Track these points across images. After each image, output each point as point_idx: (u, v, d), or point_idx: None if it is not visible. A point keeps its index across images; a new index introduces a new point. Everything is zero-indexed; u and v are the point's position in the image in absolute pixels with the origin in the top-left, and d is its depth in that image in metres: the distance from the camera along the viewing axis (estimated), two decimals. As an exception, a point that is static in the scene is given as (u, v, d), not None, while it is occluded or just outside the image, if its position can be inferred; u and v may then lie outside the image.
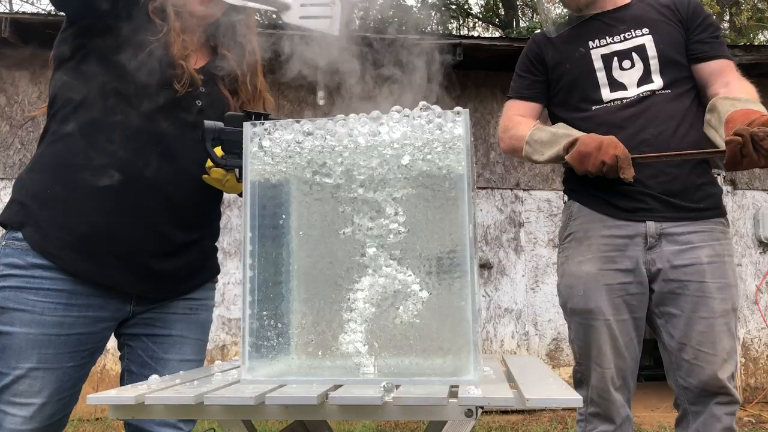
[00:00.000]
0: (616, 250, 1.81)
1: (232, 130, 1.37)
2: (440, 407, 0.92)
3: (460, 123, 1.12)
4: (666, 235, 1.79)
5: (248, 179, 1.17)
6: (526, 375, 1.16)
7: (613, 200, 1.82)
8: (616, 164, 1.65)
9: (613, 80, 1.85)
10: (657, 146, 1.76)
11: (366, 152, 1.14)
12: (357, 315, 1.11)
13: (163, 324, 1.51)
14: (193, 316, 1.55)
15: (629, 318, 1.81)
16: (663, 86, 1.82)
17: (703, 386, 1.75)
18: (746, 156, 1.47)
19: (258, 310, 1.13)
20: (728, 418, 1.74)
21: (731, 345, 1.75)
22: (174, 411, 1.01)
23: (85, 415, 4.92)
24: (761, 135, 1.43)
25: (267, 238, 1.16)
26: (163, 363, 1.50)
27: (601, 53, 1.87)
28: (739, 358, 5.58)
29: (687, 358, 1.76)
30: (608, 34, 1.88)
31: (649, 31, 1.85)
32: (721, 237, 1.81)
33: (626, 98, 1.83)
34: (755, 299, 5.64)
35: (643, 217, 1.79)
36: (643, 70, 1.83)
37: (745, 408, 5.38)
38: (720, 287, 1.76)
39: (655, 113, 1.80)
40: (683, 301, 1.77)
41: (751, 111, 1.57)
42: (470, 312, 1.06)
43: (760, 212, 5.69)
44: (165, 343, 1.51)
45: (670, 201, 1.79)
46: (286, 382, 1.09)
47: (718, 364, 1.73)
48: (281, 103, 5.57)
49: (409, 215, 1.12)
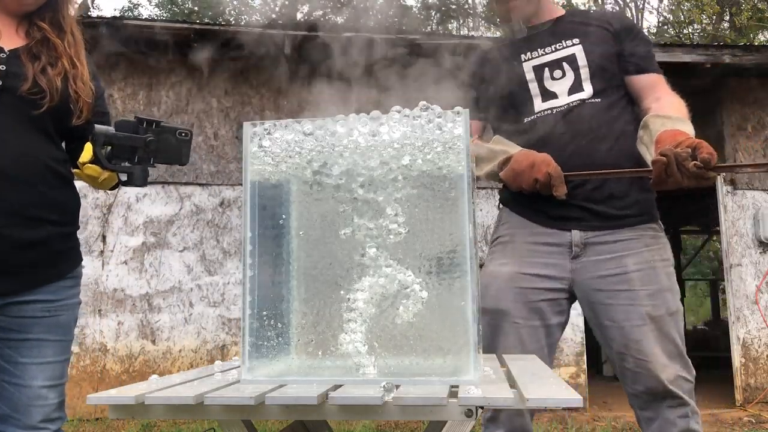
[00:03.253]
0: (538, 256, 1.82)
1: (122, 135, 1.39)
2: (440, 407, 0.92)
3: (460, 123, 1.12)
4: (591, 245, 1.80)
5: (248, 179, 1.17)
6: (526, 375, 1.16)
7: (541, 208, 1.83)
8: (548, 182, 1.69)
9: (545, 90, 1.88)
10: (587, 156, 1.79)
11: (366, 152, 1.14)
12: (357, 315, 1.11)
13: (19, 328, 1.44)
14: (52, 318, 1.48)
15: (540, 325, 1.80)
16: (593, 94, 1.85)
17: (650, 392, 1.75)
18: (671, 176, 1.52)
19: (258, 310, 1.13)
20: (683, 421, 1.74)
21: (671, 348, 1.74)
22: (174, 411, 1.01)
23: (85, 415, 4.92)
24: (684, 156, 1.49)
25: (267, 238, 1.16)
26: (21, 367, 1.44)
27: (532, 65, 1.91)
28: (740, 358, 5.58)
29: (629, 367, 1.76)
30: (540, 46, 1.92)
31: (580, 41, 1.89)
32: (651, 243, 1.81)
33: (557, 107, 1.86)
34: (755, 299, 5.64)
35: (569, 226, 1.81)
36: (573, 79, 1.87)
37: (745, 408, 5.38)
38: (650, 293, 1.75)
39: (584, 123, 1.83)
40: (613, 311, 1.77)
41: (678, 132, 1.62)
42: (470, 312, 1.06)
43: (760, 212, 5.69)
44: (22, 347, 1.45)
45: (595, 209, 1.80)
46: (286, 382, 1.09)
47: (659, 369, 1.73)
48: (280, 103, 5.57)
49: (409, 215, 1.12)
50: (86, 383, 5.02)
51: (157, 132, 1.43)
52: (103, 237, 5.20)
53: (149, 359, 5.18)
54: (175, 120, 5.49)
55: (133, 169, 1.43)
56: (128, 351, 5.17)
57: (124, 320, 5.21)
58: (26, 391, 1.44)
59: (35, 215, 1.42)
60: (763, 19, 14.39)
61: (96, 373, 5.08)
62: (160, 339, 5.22)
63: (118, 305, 5.18)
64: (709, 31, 15.88)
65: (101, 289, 5.17)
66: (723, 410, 5.39)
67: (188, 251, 5.33)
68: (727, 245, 5.73)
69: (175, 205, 5.39)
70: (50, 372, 1.48)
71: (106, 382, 5.04)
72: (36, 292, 1.45)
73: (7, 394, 1.44)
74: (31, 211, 1.41)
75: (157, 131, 1.43)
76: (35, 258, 1.44)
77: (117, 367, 5.13)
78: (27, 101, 1.41)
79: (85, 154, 1.43)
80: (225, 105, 5.57)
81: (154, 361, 5.17)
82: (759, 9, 14.82)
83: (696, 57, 5.48)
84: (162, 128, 1.45)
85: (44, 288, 1.47)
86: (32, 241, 1.42)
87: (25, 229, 1.41)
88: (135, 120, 1.42)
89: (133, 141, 1.41)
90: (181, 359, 5.21)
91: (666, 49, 5.58)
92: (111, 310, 5.20)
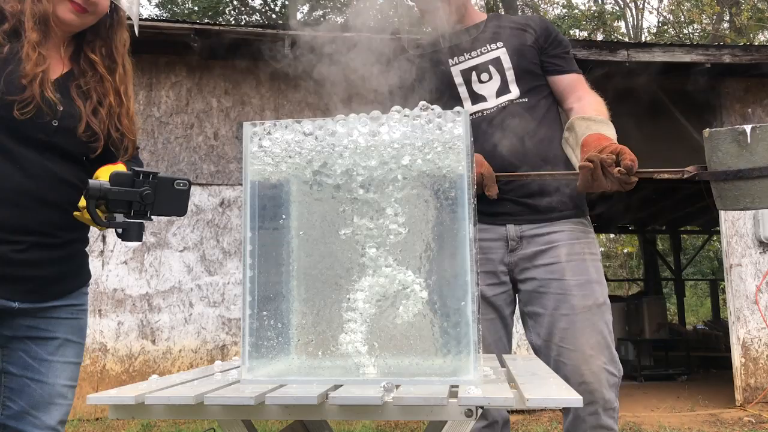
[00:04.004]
0: (480, 252, 1.87)
1: (118, 189, 1.36)
2: (440, 407, 0.92)
3: (459, 123, 1.12)
4: (526, 237, 1.87)
5: (248, 179, 1.17)
6: (526, 375, 1.16)
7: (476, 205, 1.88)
8: (481, 182, 1.76)
9: (474, 93, 1.94)
10: (517, 153, 1.86)
11: (366, 152, 1.14)
12: (357, 315, 1.11)
13: (47, 327, 1.48)
14: (75, 321, 1.53)
15: (496, 317, 1.87)
16: (520, 95, 1.92)
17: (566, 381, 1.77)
18: (596, 180, 1.59)
19: (258, 310, 1.13)
20: (592, 418, 1.75)
21: (598, 339, 1.77)
22: (174, 411, 1.01)
23: (85, 415, 4.92)
24: (609, 162, 1.57)
25: (267, 238, 1.16)
26: (47, 364, 1.47)
27: (460, 69, 1.96)
28: (740, 358, 5.58)
29: (552, 356, 1.81)
30: (465, 50, 1.97)
31: (503, 45, 1.95)
32: (581, 236, 1.88)
33: (487, 109, 1.92)
34: (755, 299, 5.64)
35: (504, 221, 1.88)
36: (500, 81, 1.93)
37: (745, 408, 5.38)
38: (580, 284, 1.81)
39: (513, 122, 1.90)
40: (546, 300, 1.82)
41: (602, 137, 1.70)
42: (470, 312, 1.06)
43: (760, 212, 5.69)
44: (49, 345, 1.48)
45: (528, 203, 1.87)
46: (286, 382, 1.08)
47: (583, 359, 1.76)
48: (281, 102, 5.57)
49: (409, 215, 1.12)
50: (86, 383, 5.02)
51: (153, 184, 1.39)
52: (103, 237, 5.20)
53: (149, 359, 5.18)
54: (174, 120, 5.49)
55: (128, 224, 1.40)
56: (128, 351, 5.17)
57: (124, 320, 5.21)
58: (49, 389, 1.46)
59: (66, 235, 1.49)
60: (763, 19, 14.39)
61: (96, 373, 5.08)
62: (160, 339, 5.22)
63: (118, 305, 5.18)
64: (709, 31, 15.88)
65: (101, 289, 5.17)
66: (723, 410, 5.39)
67: (188, 251, 5.33)
68: (727, 245, 5.73)
69: (175, 205, 5.38)
70: (71, 372, 1.51)
71: (106, 382, 5.04)
72: (64, 299, 1.51)
73: (28, 391, 1.45)
74: (63, 231, 1.48)
75: (153, 183, 1.40)
76: (66, 270, 1.51)
77: (117, 367, 5.13)
78: (79, 142, 1.46)
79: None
80: (225, 105, 5.57)
81: (154, 361, 5.17)
82: (759, 9, 14.83)
83: (696, 57, 5.48)
84: (159, 179, 1.41)
85: (71, 295, 1.53)
86: (62, 257, 1.49)
87: (57, 247, 1.47)
88: (131, 172, 1.39)
89: (128, 195, 1.37)
90: (181, 359, 5.21)
91: (666, 49, 5.58)
92: (111, 310, 5.20)
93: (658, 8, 22.50)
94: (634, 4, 17.83)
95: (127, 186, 1.37)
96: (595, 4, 17.97)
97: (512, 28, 1.99)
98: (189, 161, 5.46)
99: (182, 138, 5.48)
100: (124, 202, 1.37)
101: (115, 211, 1.38)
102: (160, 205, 1.41)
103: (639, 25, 17.80)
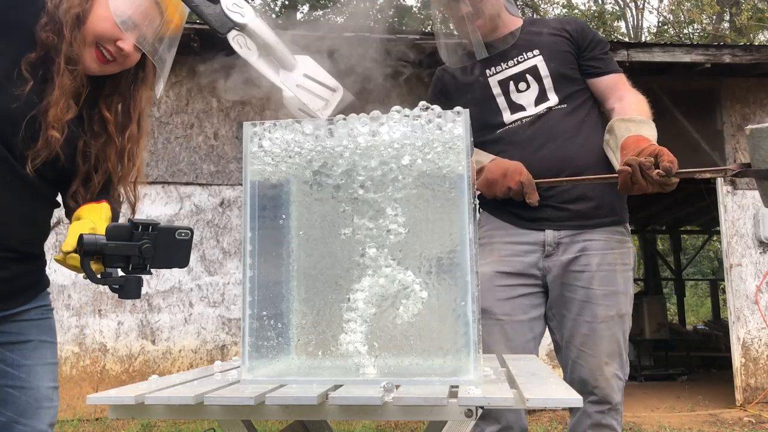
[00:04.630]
0: (514, 255, 1.91)
1: (115, 244, 1.25)
2: (440, 407, 0.92)
3: (459, 123, 1.12)
4: (563, 244, 1.89)
5: (248, 179, 1.17)
6: (526, 375, 1.16)
7: (516, 210, 1.92)
8: (521, 189, 1.80)
9: (512, 103, 1.96)
10: (556, 159, 1.87)
11: (366, 152, 1.14)
12: (357, 315, 1.11)
13: (19, 331, 1.41)
14: (45, 321, 1.47)
15: (525, 320, 1.89)
16: (559, 102, 1.93)
17: (581, 383, 1.87)
18: (635, 183, 1.62)
19: (258, 310, 1.13)
20: (598, 415, 1.86)
21: (613, 349, 1.86)
22: (174, 411, 1.01)
23: (85, 415, 4.92)
24: (647, 165, 1.59)
25: (267, 238, 1.16)
26: (26, 369, 1.40)
27: (498, 79, 1.97)
28: (740, 358, 5.58)
29: (571, 357, 1.90)
30: (503, 60, 1.98)
31: (540, 53, 1.95)
32: (615, 246, 1.91)
33: (526, 117, 1.94)
34: (755, 299, 5.64)
35: (543, 226, 1.90)
36: (538, 90, 1.94)
37: (745, 408, 5.38)
38: (606, 294, 1.86)
39: (552, 128, 1.91)
40: (571, 304, 1.89)
41: (641, 139, 1.72)
42: (470, 312, 1.06)
43: (760, 212, 5.69)
44: (25, 349, 1.41)
45: (569, 208, 1.89)
46: (286, 382, 1.08)
47: (597, 365, 1.85)
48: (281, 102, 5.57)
49: (409, 215, 1.12)
50: (86, 383, 5.02)
51: (153, 236, 1.28)
52: (103, 237, 5.20)
53: (149, 359, 5.18)
54: (174, 120, 5.49)
55: (125, 281, 1.28)
56: (128, 351, 5.17)
57: (124, 320, 5.21)
58: (34, 393, 1.40)
59: (37, 249, 1.44)
60: (763, 19, 14.39)
61: (96, 373, 5.08)
62: (160, 339, 5.22)
63: (118, 305, 5.18)
64: (709, 31, 15.88)
65: (101, 289, 5.17)
66: (723, 410, 5.39)
67: (188, 251, 5.32)
68: (727, 245, 5.73)
69: (175, 205, 5.39)
70: (52, 373, 1.46)
71: (106, 382, 5.04)
72: (31, 302, 1.46)
73: (12, 399, 1.39)
74: (36, 246, 1.43)
75: (153, 235, 1.28)
76: (36, 280, 1.46)
77: (117, 367, 5.13)
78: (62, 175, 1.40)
79: (69, 240, 1.27)
80: (225, 105, 5.57)
81: (154, 361, 5.17)
82: (759, 9, 14.83)
83: (696, 57, 5.48)
84: (159, 230, 1.29)
85: (36, 297, 1.47)
86: (32, 269, 1.44)
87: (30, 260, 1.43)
88: (129, 224, 1.28)
89: (126, 249, 1.26)
90: (181, 359, 5.21)
91: (666, 49, 5.58)
92: (111, 310, 5.20)
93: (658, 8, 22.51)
94: (634, 4, 17.83)
95: (125, 239, 1.26)
96: (595, 4, 17.97)
97: (548, 34, 1.99)
98: (189, 161, 5.46)
99: (182, 138, 5.48)
100: (121, 257, 1.26)
101: (111, 266, 1.28)
102: (160, 258, 1.30)
103: (639, 25, 17.81)
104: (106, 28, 1.33)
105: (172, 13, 1.41)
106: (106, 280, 1.28)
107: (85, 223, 1.31)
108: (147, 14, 1.36)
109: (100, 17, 1.33)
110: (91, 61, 1.36)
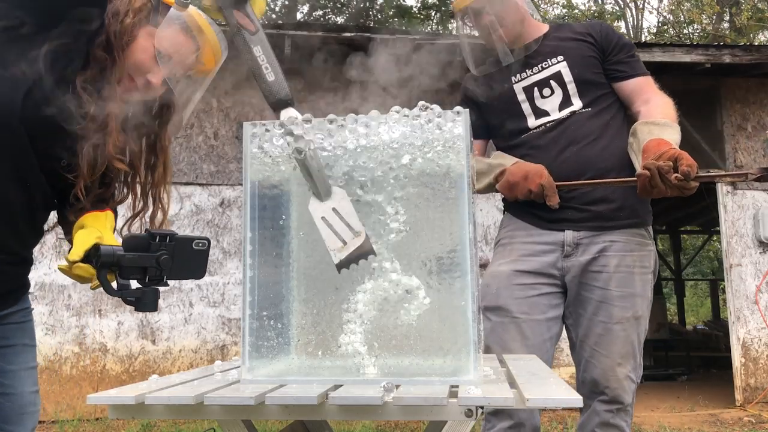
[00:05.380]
0: (532, 254, 1.92)
1: (132, 256, 1.23)
2: (440, 407, 0.92)
3: (459, 122, 1.12)
4: (582, 245, 1.90)
5: (248, 179, 1.17)
6: (526, 375, 1.16)
7: (537, 211, 1.94)
8: (542, 192, 1.81)
9: (537, 109, 1.97)
10: (577, 162, 1.88)
11: (366, 152, 1.14)
12: (357, 315, 1.11)
13: (3, 334, 1.39)
14: (27, 324, 1.45)
15: (542, 319, 1.90)
16: (583, 106, 1.94)
17: (593, 382, 1.89)
18: (655, 187, 1.62)
19: (258, 310, 1.13)
20: (607, 414, 1.88)
21: (627, 350, 1.87)
22: (174, 411, 1.01)
23: (85, 415, 4.92)
24: (666, 169, 1.59)
25: (267, 238, 1.16)
26: (10, 375, 1.38)
27: (522, 86, 1.99)
28: (740, 358, 5.58)
29: (585, 356, 1.92)
30: (527, 67, 1.99)
31: (564, 58, 1.96)
32: (635, 248, 1.91)
33: (550, 122, 1.95)
34: (755, 299, 5.64)
35: (563, 227, 1.91)
36: (562, 95, 1.95)
37: (745, 408, 5.38)
38: (622, 296, 1.87)
39: (574, 131, 1.92)
40: (588, 304, 1.90)
41: (662, 143, 1.71)
42: (470, 312, 1.06)
43: (760, 212, 5.69)
44: (9, 354, 1.39)
45: (590, 209, 1.89)
46: (286, 382, 1.08)
47: (610, 365, 1.87)
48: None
49: (410, 215, 1.12)
50: (86, 383, 5.02)
51: (171, 246, 1.25)
52: (103, 237, 5.20)
53: (149, 359, 5.18)
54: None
55: (142, 293, 1.26)
56: (128, 351, 5.17)
57: (124, 320, 5.21)
58: (18, 399, 1.39)
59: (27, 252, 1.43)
60: (763, 19, 14.39)
61: (96, 373, 5.08)
62: (160, 339, 5.22)
63: (118, 305, 5.18)
64: (709, 31, 15.88)
65: (101, 289, 5.17)
66: (723, 410, 5.40)
67: (188, 251, 5.32)
68: (727, 245, 5.73)
69: (175, 205, 5.39)
70: (34, 377, 1.45)
71: (106, 382, 5.04)
72: (16, 305, 1.44)
73: None
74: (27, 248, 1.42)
75: (171, 246, 1.25)
76: (22, 283, 1.45)
77: (117, 367, 5.13)
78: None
79: (76, 250, 1.24)
80: (225, 105, 5.57)
81: (154, 361, 5.17)
82: (759, 9, 14.82)
83: (696, 57, 5.48)
84: (177, 241, 1.27)
85: (18, 301, 1.46)
86: (19, 273, 1.43)
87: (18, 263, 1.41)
88: (146, 235, 1.25)
89: (143, 261, 1.23)
90: (181, 359, 5.21)
91: (666, 49, 5.58)
92: (111, 310, 5.20)
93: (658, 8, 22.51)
94: (634, 4, 17.82)
95: (142, 250, 1.23)
96: (595, 4, 17.97)
97: (572, 39, 2.00)
98: (189, 161, 5.46)
99: (182, 138, 5.47)
100: (138, 269, 1.23)
101: (127, 278, 1.25)
102: (177, 269, 1.27)
103: (639, 25, 17.81)
104: (145, 60, 1.31)
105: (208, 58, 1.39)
106: (122, 292, 1.26)
107: (91, 232, 1.29)
108: (184, 54, 1.35)
109: (142, 47, 1.31)
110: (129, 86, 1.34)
